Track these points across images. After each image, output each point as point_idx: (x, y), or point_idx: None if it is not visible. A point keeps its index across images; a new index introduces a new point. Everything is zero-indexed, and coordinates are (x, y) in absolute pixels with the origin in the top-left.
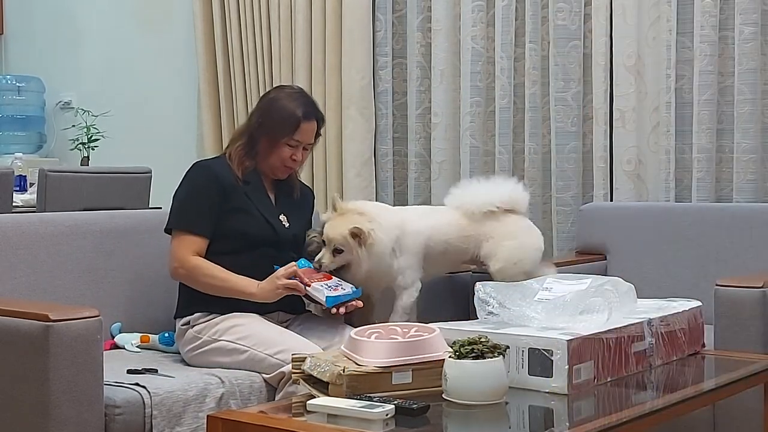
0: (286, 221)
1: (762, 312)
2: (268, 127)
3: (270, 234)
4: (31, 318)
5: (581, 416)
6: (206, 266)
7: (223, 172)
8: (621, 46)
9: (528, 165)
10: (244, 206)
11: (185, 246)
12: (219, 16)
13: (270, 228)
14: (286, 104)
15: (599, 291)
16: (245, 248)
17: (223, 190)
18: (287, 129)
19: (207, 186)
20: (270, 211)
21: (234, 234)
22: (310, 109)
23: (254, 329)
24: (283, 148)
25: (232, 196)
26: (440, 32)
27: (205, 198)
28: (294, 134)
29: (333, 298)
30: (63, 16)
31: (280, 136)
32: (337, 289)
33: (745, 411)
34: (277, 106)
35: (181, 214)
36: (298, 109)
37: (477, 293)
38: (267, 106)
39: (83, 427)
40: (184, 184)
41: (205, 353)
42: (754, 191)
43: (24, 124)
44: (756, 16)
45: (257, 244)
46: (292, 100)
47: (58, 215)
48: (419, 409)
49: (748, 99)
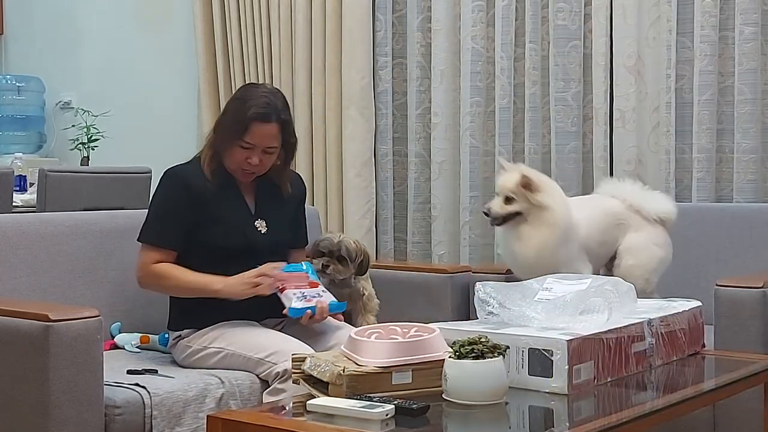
0: (264, 226)
1: (762, 312)
2: (222, 127)
3: (241, 243)
4: (31, 318)
5: (581, 416)
6: (169, 270)
7: (195, 179)
8: (621, 46)
9: (528, 165)
10: (216, 215)
11: (149, 257)
12: (219, 16)
13: (242, 236)
14: (240, 105)
15: (599, 291)
16: (218, 260)
17: (194, 198)
18: (237, 130)
19: (176, 197)
20: (244, 217)
21: (205, 246)
22: (265, 111)
23: (243, 334)
24: (235, 150)
25: (203, 204)
26: (440, 32)
27: (174, 210)
28: (244, 136)
29: (296, 310)
30: (63, 16)
31: (232, 138)
32: (311, 300)
33: (745, 411)
34: (232, 106)
35: (149, 226)
36: (250, 110)
37: (477, 293)
38: (226, 106)
39: (83, 427)
40: (156, 194)
41: (197, 360)
42: (755, 191)
43: (24, 124)
44: (756, 16)
45: (229, 256)
46: (250, 99)
47: (58, 215)
48: (419, 409)
49: (748, 99)
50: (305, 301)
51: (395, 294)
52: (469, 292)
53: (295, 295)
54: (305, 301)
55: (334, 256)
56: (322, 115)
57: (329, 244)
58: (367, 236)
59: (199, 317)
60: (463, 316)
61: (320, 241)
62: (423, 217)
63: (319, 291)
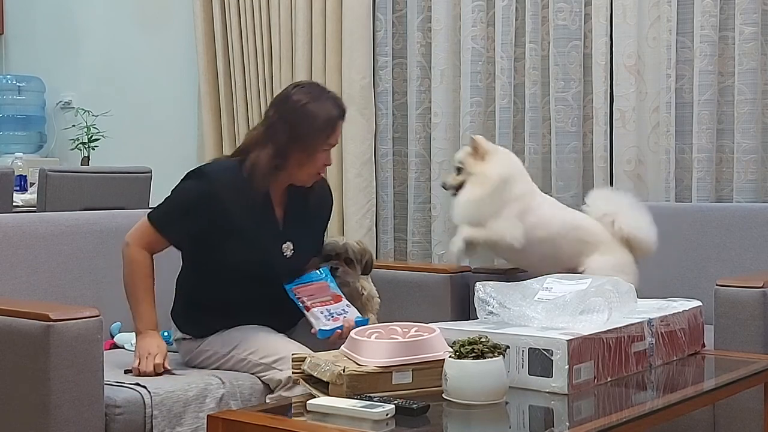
0: (290, 249)
1: (762, 312)
2: (302, 137)
3: (266, 271)
4: (32, 318)
5: (581, 416)
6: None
7: (228, 189)
8: (621, 46)
9: (528, 165)
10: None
11: (146, 236)
12: (219, 17)
13: (268, 265)
14: (316, 108)
15: (599, 291)
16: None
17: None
18: (324, 134)
19: (203, 205)
20: (274, 237)
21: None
22: (339, 103)
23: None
24: (320, 155)
25: (232, 218)
26: (440, 32)
27: (194, 214)
28: (330, 138)
29: (325, 331)
30: (63, 16)
31: (318, 144)
32: (338, 318)
33: (745, 411)
34: (307, 112)
35: (162, 209)
36: (333, 110)
37: (477, 293)
38: (295, 115)
39: (83, 427)
40: (180, 189)
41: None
42: (755, 191)
43: (24, 123)
44: (756, 16)
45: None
46: (319, 100)
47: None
48: (419, 409)
49: (748, 99)
50: (333, 320)
51: (395, 294)
52: (469, 292)
53: (323, 314)
54: (333, 320)
55: (342, 259)
56: None
57: (336, 247)
58: (367, 236)
59: (209, 325)
60: (464, 316)
61: (325, 245)
62: (423, 217)
63: (344, 306)
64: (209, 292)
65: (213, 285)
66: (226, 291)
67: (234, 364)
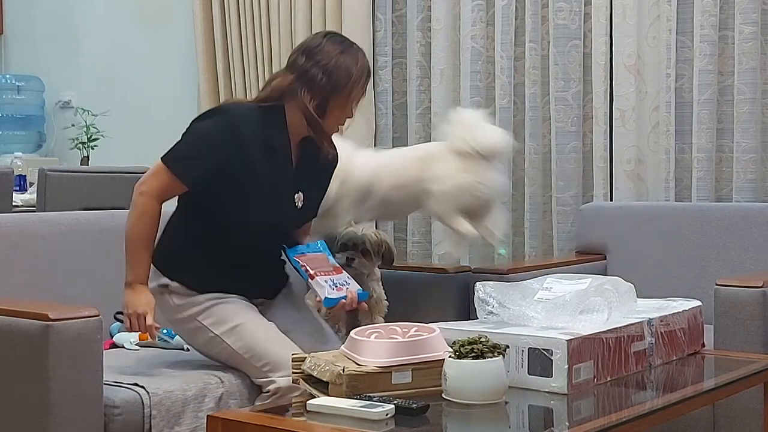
0: (301, 200)
1: (762, 312)
2: (343, 86)
3: (276, 218)
4: (31, 317)
5: (581, 416)
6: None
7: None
8: (621, 46)
9: (528, 165)
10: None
11: (160, 182)
12: (219, 17)
13: (279, 211)
14: (351, 59)
15: (599, 291)
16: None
17: (241, 154)
18: (361, 84)
19: (223, 142)
20: (288, 187)
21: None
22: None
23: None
24: (353, 107)
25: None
26: (440, 32)
27: (212, 151)
28: (365, 87)
29: (331, 300)
30: (63, 15)
31: (356, 94)
32: (342, 289)
33: (745, 411)
34: (345, 62)
35: (181, 154)
36: (365, 60)
37: (477, 293)
38: (335, 65)
39: (83, 427)
40: (198, 128)
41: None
42: (754, 191)
43: (24, 123)
44: (756, 15)
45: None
46: (351, 50)
47: (58, 215)
48: (419, 408)
49: (748, 98)
50: (337, 290)
51: (395, 294)
52: (469, 292)
53: (327, 283)
54: (337, 290)
55: (359, 250)
56: None
57: (353, 238)
58: None
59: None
60: (463, 316)
61: (343, 234)
62: (423, 217)
63: (345, 278)
64: (211, 239)
65: (217, 232)
66: (228, 240)
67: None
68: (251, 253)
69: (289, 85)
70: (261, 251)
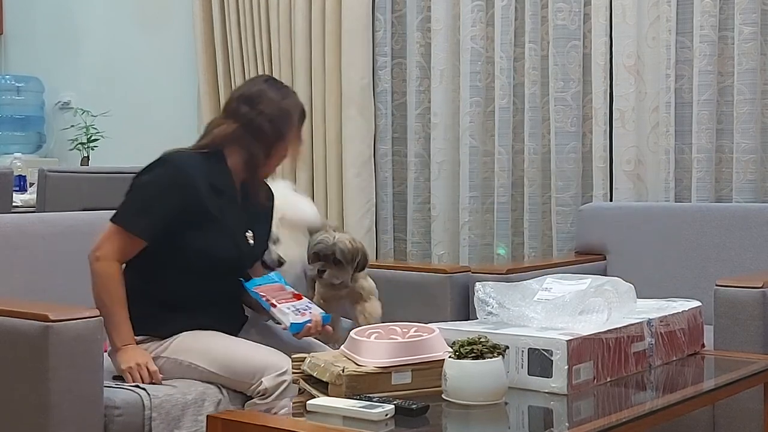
0: (252, 237)
1: (762, 312)
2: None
3: (235, 257)
4: (31, 318)
5: (581, 416)
6: (113, 284)
7: (196, 172)
8: (620, 46)
9: (527, 165)
10: (214, 221)
11: (117, 244)
12: (219, 17)
13: (236, 250)
14: (290, 104)
15: (599, 291)
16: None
17: (193, 199)
18: (299, 128)
19: (173, 191)
20: (239, 227)
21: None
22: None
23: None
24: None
25: (203, 206)
26: (440, 32)
27: (164, 202)
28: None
29: (297, 325)
30: (63, 16)
31: (297, 139)
32: (305, 313)
33: (745, 411)
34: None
35: (130, 211)
36: (300, 104)
37: (477, 293)
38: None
39: (83, 428)
40: (145, 182)
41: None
42: (754, 191)
43: (23, 124)
44: (756, 16)
45: (218, 266)
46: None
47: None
48: (419, 409)
49: (747, 99)
50: (301, 315)
51: (395, 294)
52: (468, 292)
53: (290, 309)
54: (301, 315)
55: (330, 260)
56: (322, 115)
57: (324, 248)
58: (367, 236)
59: (162, 324)
60: (463, 316)
61: (315, 243)
62: (423, 217)
63: (306, 303)
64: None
65: (176, 277)
66: (189, 283)
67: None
68: (213, 293)
69: (233, 133)
70: (222, 291)
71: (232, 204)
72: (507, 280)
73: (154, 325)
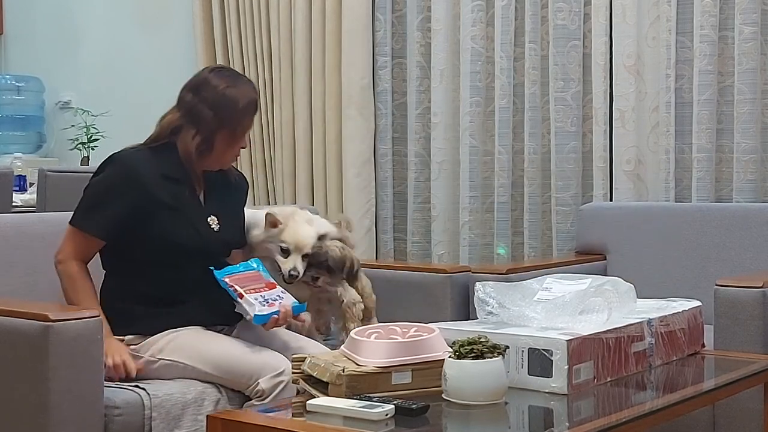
0: (216, 223)
1: (762, 312)
2: (228, 121)
3: (197, 242)
4: (31, 318)
5: (581, 416)
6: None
7: (144, 168)
8: (621, 46)
9: (527, 165)
10: (170, 210)
11: (75, 244)
12: (218, 17)
13: (196, 234)
14: (237, 92)
15: (599, 291)
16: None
17: (144, 193)
18: (248, 117)
19: (122, 188)
20: (198, 213)
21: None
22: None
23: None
24: (243, 138)
25: (155, 197)
26: (440, 32)
27: (115, 199)
28: (252, 120)
29: (261, 317)
30: (63, 16)
31: (244, 127)
32: (274, 304)
33: (745, 411)
34: (230, 96)
35: (82, 210)
36: (252, 93)
37: (477, 293)
38: (219, 100)
39: (82, 428)
40: (95, 182)
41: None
42: (754, 191)
43: (23, 123)
44: (756, 15)
45: (181, 252)
46: (237, 83)
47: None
48: (419, 409)
49: (747, 99)
50: (268, 306)
51: (395, 294)
52: (468, 292)
53: (257, 300)
54: (268, 306)
55: (323, 267)
56: (322, 115)
57: (316, 254)
58: (367, 236)
59: (148, 321)
60: (463, 316)
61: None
62: (423, 217)
63: (279, 293)
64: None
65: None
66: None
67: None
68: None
69: (177, 121)
70: (198, 280)
71: (188, 192)
72: (507, 280)
73: (140, 323)
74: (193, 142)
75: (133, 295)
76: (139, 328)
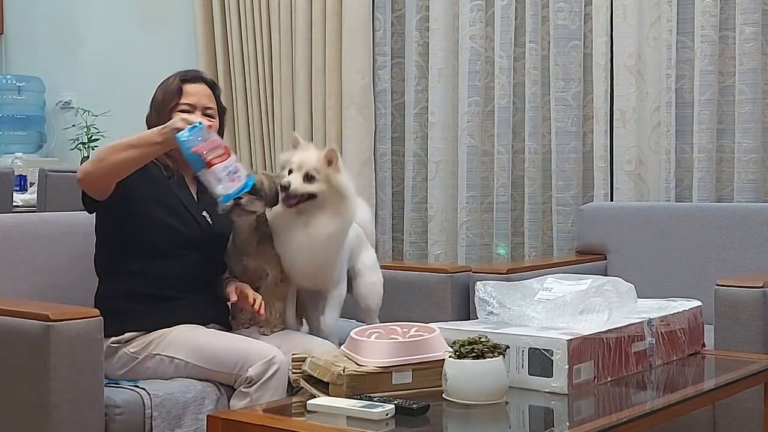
0: (209, 218)
1: (762, 312)
2: (158, 107)
3: (195, 230)
4: (31, 318)
5: (581, 416)
6: (104, 147)
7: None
8: (621, 46)
9: (528, 165)
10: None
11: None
12: (219, 17)
13: (194, 222)
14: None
15: (599, 291)
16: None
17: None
18: (173, 97)
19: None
20: (193, 207)
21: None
22: (190, 73)
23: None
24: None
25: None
26: (438, 31)
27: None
28: (181, 98)
29: (229, 196)
30: (63, 16)
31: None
32: (234, 179)
33: (745, 411)
34: (159, 87)
35: None
36: (176, 77)
37: (477, 293)
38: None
39: (83, 427)
40: None
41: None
42: (755, 191)
43: (24, 123)
44: (756, 15)
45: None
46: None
47: (58, 215)
48: (419, 409)
49: (748, 99)
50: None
51: (395, 294)
52: (469, 292)
53: (223, 172)
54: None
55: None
56: (322, 114)
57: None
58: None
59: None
60: (463, 316)
61: None
62: (419, 217)
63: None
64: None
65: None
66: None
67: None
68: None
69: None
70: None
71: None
72: (507, 279)
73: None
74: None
75: (128, 294)
76: (135, 326)
